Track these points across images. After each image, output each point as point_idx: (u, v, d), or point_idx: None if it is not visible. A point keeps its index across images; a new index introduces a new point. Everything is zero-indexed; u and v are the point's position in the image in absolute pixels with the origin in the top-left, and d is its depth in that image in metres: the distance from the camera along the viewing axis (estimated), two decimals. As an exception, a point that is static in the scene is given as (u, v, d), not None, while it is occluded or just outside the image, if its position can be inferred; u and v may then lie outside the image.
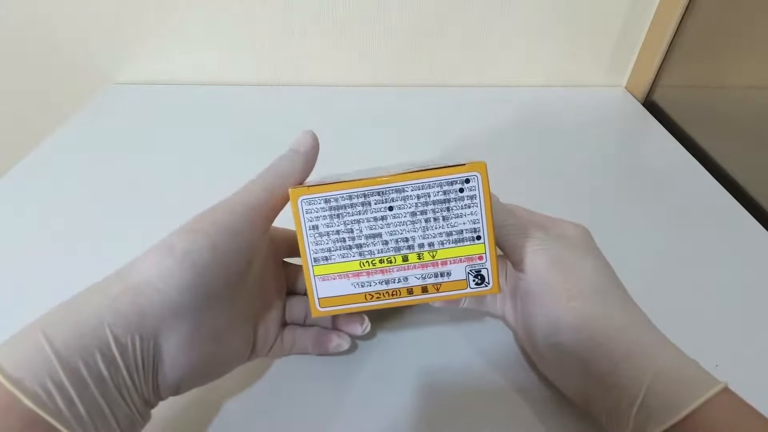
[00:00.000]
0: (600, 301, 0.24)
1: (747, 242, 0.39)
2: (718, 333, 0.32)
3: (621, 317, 0.24)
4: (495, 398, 0.28)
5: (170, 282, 0.20)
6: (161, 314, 0.20)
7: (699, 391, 0.20)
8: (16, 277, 0.35)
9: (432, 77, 0.63)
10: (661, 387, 0.21)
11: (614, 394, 0.22)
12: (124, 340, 0.19)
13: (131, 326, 0.20)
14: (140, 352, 0.20)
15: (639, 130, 0.55)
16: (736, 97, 0.50)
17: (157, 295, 0.20)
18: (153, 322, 0.20)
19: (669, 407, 0.20)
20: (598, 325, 0.23)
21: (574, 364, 0.24)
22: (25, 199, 0.43)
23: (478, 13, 0.57)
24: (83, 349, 0.18)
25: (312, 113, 0.57)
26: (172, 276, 0.20)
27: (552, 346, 0.25)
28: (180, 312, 0.21)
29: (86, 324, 0.19)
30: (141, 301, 0.20)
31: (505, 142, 0.52)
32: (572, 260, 0.25)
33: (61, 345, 0.18)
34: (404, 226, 0.24)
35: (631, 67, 0.63)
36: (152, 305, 0.20)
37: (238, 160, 0.48)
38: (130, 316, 0.20)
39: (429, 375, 0.29)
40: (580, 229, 0.28)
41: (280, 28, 0.58)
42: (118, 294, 0.20)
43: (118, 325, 0.19)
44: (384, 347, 0.30)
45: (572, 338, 0.24)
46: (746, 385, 0.22)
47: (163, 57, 0.61)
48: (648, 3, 0.57)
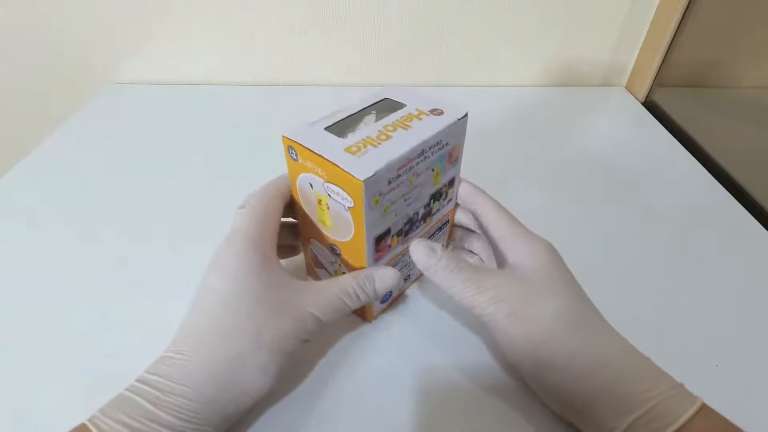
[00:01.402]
0: (562, 342, 0.24)
1: (747, 242, 0.39)
2: (718, 333, 0.32)
3: (590, 349, 0.24)
4: (494, 398, 0.28)
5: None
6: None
7: (676, 413, 0.21)
8: (16, 277, 0.35)
9: (432, 77, 0.63)
10: (641, 414, 0.21)
11: (597, 427, 0.23)
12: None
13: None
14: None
15: (639, 130, 0.55)
16: (736, 97, 0.50)
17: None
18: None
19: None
20: (564, 366, 0.23)
21: (551, 400, 0.25)
22: (25, 199, 0.43)
23: (478, 13, 0.57)
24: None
25: (312, 113, 0.57)
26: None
27: (528, 380, 0.26)
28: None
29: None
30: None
31: (504, 141, 0.52)
32: (530, 309, 0.25)
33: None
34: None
35: (631, 67, 0.63)
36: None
37: (238, 160, 0.48)
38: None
39: (429, 375, 0.29)
40: (543, 252, 0.27)
41: (280, 28, 0.58)
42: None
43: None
44: (384, 347, 0.31)
45: (538, 381, 0.25)
46: (746, 385, 0.22)
47: (163, 57, 0.61)
48: (648, 3, 0.57)
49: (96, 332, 0.31)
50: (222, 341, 0.22)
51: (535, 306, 0.25)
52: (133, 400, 0.21)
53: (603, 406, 0.22)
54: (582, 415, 0.23)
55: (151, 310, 0.32)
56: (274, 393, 0.28)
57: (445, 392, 0.28)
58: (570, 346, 0.23)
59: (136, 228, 0.39)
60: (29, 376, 0.28)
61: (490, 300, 0.25)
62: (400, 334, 0.31)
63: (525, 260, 0.26)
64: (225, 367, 0.22)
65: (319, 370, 0.29)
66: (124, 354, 0.30)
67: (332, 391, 0.28)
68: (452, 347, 0.30)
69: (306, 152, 0.25)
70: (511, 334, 0.25)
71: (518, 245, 0.27)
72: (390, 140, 0.25)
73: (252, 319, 0.23)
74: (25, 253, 0.37)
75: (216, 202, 0.41)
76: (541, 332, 0.24)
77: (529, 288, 0.25)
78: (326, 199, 0.26)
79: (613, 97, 0.62)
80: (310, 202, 0.27)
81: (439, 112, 0.27)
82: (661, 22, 0.56)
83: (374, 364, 0.29)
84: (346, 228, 0.26)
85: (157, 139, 0.51)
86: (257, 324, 0.23)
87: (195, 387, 0.21)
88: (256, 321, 0.23)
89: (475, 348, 0.30)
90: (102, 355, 0.29)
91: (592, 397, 0.22)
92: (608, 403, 0.22)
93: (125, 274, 0.35)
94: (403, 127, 0.26)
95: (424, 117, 0.27)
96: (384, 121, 0.26)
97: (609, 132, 0.55)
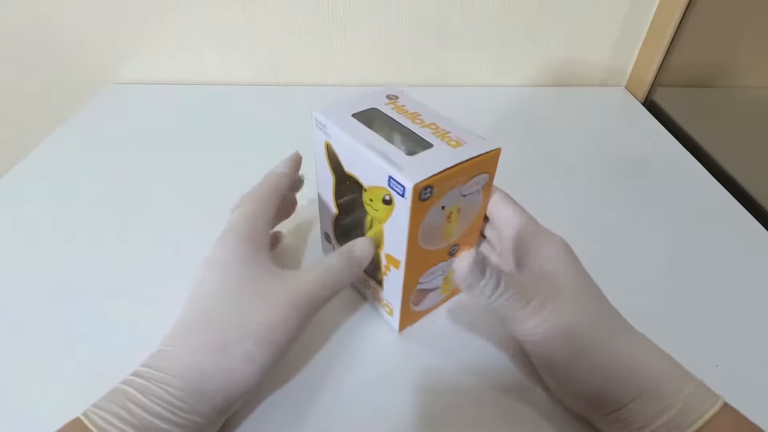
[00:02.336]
0: (599, 341, 0.23)
1: (747, 242, 0.39)
2: (718, 333, 0.32)
3: (628, 345, 0.24)
4: (495, 398, 0.28)
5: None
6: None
7: (699, 411, 0.21)
8: (16, 277, 0.35)
9: (432, 77, 0.63)
10: (673, 414, 0.21)
11: (615, 424, 0.23)
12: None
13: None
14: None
15: (639, 130, 0.55)
16: (736, 96, 0.50)
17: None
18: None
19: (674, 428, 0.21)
20: (603, 365, 0.23)
21: (579, 400, 0.25)
22: (25, 199, 0.43)
23: (478, 13, 0.57)
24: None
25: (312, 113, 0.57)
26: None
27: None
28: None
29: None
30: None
31: (504, 141, 0.52)
32: (568, 307, 0.24)
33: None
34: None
35: (631, 67, 0.63)
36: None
37: (238, 160, 0.48)
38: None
39: (429, 375, 0.29)
40: (560, 251, 0.27)
41: (280, 28, 0.58)
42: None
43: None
44: (384, 347, 0.31)
45: (568, 381, 0.24)
46: (746, 385, 0.22)
47: (163, 57, 0.61)
48: (648, 3, 0.57)
49: (96, 332, 0.31)
50: (208, 331, 0.23)
51: (571, 304, 0.24)
52: (126, 392, 0.21)
53: (635, 405, 0.22)
54: (608, 414, 0.23)
55: (151, 310, 0.32)
56: (272, 392, 0.28)
57: (445, 392, 0.28)
58: (607, 345, 0.23)
59: (135, 228, 0.39)
60: (29, 376, 0.28)
61: (533, 309, 0.24)
62: (400, 333, 0.31)
63: (549, 258, 0.26)
64: (210, 356, 0.22)
65: (319, 370, 0.29)
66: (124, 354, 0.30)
67: (332, 391, 0.28)
68: (452, 347, 0.30)
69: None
70: (546, 336, 0.24)
71: (539, 242, 0.27)
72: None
73: (238, 307, 0.23)
74: (25, 252, 0.37)
75: (216, 201, 0.41)
76: (582, 332, 0.24)
77: (561, 287, 0.25)
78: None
79: (613, 97, 0.62)
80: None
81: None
82: (661, 22, 0.56)
83: (375, 364, 0.30)
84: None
85: (157, 139, 0.51)
86: (243, 313, 0.23)
87: (181, 376, 0.21)
88: (243, 309, 0.23)
89: (474, 348, 0.30)
90: (102, 355, 0.29)
91: (625, 397, 0.22)
92: (640, 402, 0.22)
93: (125, 273, 0.35)
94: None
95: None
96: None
97: (609, 132, 0.55)
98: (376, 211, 0.26)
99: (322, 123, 0.27)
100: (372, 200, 0.26)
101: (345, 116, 0.27)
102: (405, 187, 0.23)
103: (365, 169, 0.26)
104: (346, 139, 0.26)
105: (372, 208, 0.26)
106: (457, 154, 0.25)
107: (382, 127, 0.28)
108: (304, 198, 0.35)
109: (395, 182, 0.23)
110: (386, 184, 0.24)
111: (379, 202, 0.25)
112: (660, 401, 0.22)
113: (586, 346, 0.23)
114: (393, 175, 0.23)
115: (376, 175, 0.24)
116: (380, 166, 0.24)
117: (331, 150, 0.28)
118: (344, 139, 0.26)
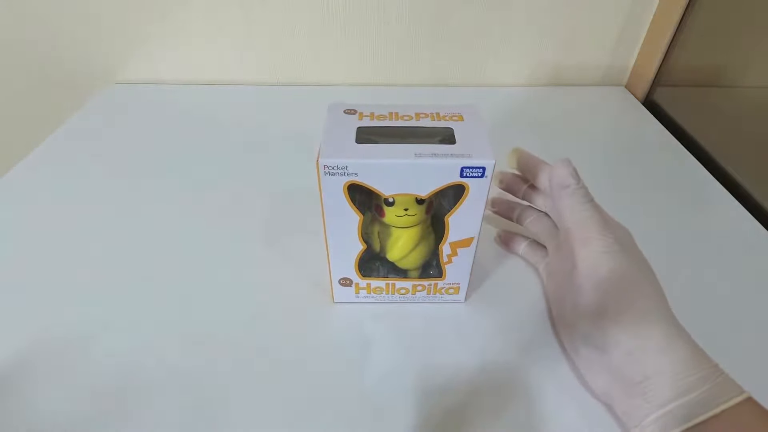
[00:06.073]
0: (640, 294, 0.26)
1: (747, 242, 0.39)
2: (718, 333, 0.32)
3: (658, 316, 0.26)
4: (495, 398, 0.28)
5: None
6: None
7: (722, 397, 0.22)
8: (16, 277, 0.35)
9: (432, 76, 0.63)
10: (684, 392, 0.22)
11: (637, 399, 0.23)
12: None
13: None
14: None
15: (639, 130, 0.55)
16: (736, 96, 0.50)
17: None
18: None
19: (690, 412, 0.21)
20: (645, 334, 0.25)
21: (609, 375, 0.25)
22: (25, 199, 0.43)
23: (478, 13, 0.57)
24: None
25: (312, 113, 0.57)
26: None
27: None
28: None
29: None
30: None
31: (504, 141, 0.52)
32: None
33: None
34: None
35: (631, 67, 0.63)
36: None
37: (238, 160, 0.48)
38: None
39: (429, 375, 0.29)
40: (626, 236, 0.30)
41: (280, 28, 0.58)
42: None
43: None
44: (384, 347, 0.31)
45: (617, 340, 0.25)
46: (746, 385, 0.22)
47: (163, 57, 0.61)
48: (648, 3, 0.57)
49: (96, 332, 0.31)
50: None
51: (637, 253, 0.29)
52: None
53: (660, 380, 0.23)
54: (634, 390, 0.24)
55: (151, 310, 0.32)
56: (273, 392, 0.28)
57: (446, 392, 0.28)
58: (654, 311, 0.26)
59: (135, 228, 0.39)
60: (29, 376, 0.28)
61: (607, 231, 0.28)
62: (401, 333, 0.31)
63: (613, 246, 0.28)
64: None
65: (319, 369, 0.29)
66: (124, 354, 0.30)
67: (332, 390, 0.28)
68: (452, 347, 0.30)
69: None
70: (606, 262, 0.27)
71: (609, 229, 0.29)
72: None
73: None
74: (26, 252, 0.37)
75: (216, 201, 0.41)
76: (638, 281, 0.27)
77: (630, 245, 0.29)
78: None
79: (613, 96, 0.62)
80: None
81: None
82: (661, 22, 0.56)
83: (375, 363, 0.30)
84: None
85: (157, 139, 0.51)
86: None
87: None
88: None
89: (475, 348, 0.30)
90: (102, 355, 0.29)
91: (651, 369, 0.23)
92: (664, 378, 0.23)
93: (125, 273, 0.35)
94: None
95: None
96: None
97: (609, 131, 0.55)
98: (412, 216, 0.27)
99: (338, 166, 0.25)
100: (407, 209, 0.27)
101: (355, 148, 0.26)
102: (485, 167, 0.25)
103: (419, 180, 0.26)
104: (387, 164, 0.25)
105: (405, 218, 0.27)
106: (477, 124, 0.27)
107: (390, 138, 0.27)
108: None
109: (470, 169, 0.25)
110: (458, 177, 0.25)
111: (414, 207, 0.27)
112: (685, 381, 0.22)
113: (636, 296, 0.25)
114: (466, 165, 0.25)
115: (438, 177, 0.25)
116: (446, 165, 0.25)
117: (356, 187, 0.26)
118: (382, 165, 0.25)
